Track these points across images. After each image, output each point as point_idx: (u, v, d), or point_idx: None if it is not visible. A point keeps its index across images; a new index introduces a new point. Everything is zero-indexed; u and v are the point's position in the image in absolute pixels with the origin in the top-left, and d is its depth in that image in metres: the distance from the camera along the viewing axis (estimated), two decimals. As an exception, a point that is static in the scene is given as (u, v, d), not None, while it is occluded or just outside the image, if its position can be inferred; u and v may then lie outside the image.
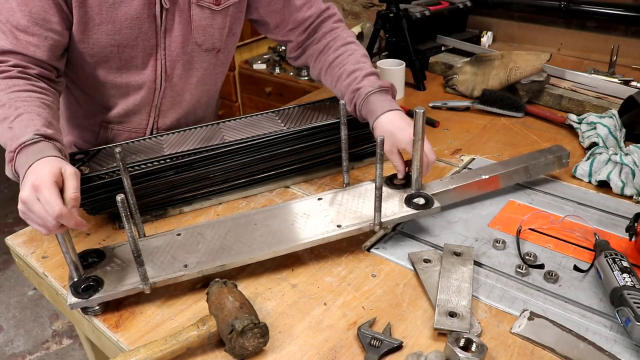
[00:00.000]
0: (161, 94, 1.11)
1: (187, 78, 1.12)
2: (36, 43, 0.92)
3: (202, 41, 1.08)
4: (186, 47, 1.07)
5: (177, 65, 1.08)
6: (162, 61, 1.06)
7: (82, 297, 0.79)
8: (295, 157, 1.11)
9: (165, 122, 1.17)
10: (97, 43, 0.99)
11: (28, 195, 0.74)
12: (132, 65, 1.05)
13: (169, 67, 1.08)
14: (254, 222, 0.93)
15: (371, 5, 2.41)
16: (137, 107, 1.12)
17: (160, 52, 1.05)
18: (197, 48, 1.09)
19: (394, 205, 0.94)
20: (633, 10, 1.68)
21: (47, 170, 0.76)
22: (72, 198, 0.76)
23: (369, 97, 1.01)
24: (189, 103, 1.17)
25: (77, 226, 0.76)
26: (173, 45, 1.05)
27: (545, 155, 1.08)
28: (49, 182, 0.74)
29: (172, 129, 1.17)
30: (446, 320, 0.75)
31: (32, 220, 0.77)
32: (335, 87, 1.11)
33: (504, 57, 1.47)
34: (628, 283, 0.76)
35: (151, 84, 1.08)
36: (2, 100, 0.86)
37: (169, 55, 1.06)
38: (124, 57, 1.03)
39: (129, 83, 1.07)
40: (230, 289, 0.77)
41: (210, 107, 1.28)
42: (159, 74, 1.07)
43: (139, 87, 1.08)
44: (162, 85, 1.09)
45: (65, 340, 2.16)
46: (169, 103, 1.14)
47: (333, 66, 1.11)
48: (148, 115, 1.14)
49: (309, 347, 0.75)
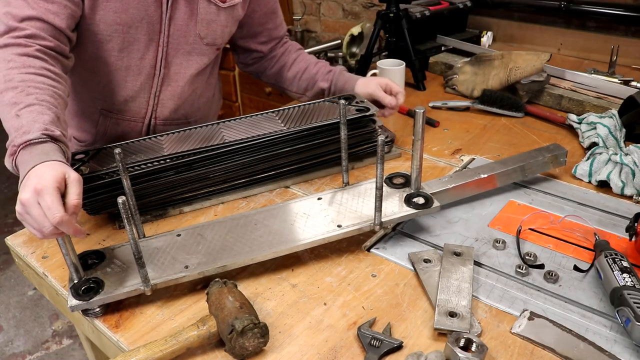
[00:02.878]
0: (160, 80, 1.14)
1: (186, 69, 1.15)
2: (55, 10, 0.94)
3: (205, 34, 1.12)
4: (188, 38, 1.11)
5: (178, 54, 1.12)
6: (163, 48, 1.09)
7: (82, 299, 0.79)
8: (295, 157, 1.11)
9: (164, 113, 1.19)
10: (104, 20, 1.02)
11: (29, 198, 0.74)
12: (134, 48, 1.07)
13: (170, 55, 1.11)
14: (254, 222, 0.93)
15: (371, 5, 2.41)
16: (136, 93, 1.14)
17: (162, 38, 1.08)
18: (198, 41, 1.13)
19: (394, 204, 0.94)
20: (633, 10, 1.68)
21: (50, 175, 0.75)
22: (73, 204, 0.76)
23: (343, 72, 1.28)
24: (187, 94, 1.20)
25: (75, 234, 0.76)
26: (176, 33, 1.09)
27: (543, 153, 1.08)
28: (51, 188, 0.74)
29: (170, 119, 1.20)
30: (446, 320, 0.75)
31: (28, 223, 0.76)
32: (302, 75, 1.30)
33: (504, 57, 1.47)
34: (628, 283, 0.76)
35: (150, 70, 1.11)
36: (14, 81, 0.85)
37: (170, 43, 1.10)
38: (127, 39, 1.05)
39: (130, 66, 1.10)
40: (230, 289, 0.77)
41: (210, 104, 1.30)
42: (159, 60, 1.10)
43: (138, 71, 1.11)
44: (161, 72, 1.12)
45: (65, 340, 2.16)
46: (168, 92, 1.16)
47: (298, 61, 1.31)
48: (147, 102, 1.16)
49: (309, 347, 0.75)
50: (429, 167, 1.18)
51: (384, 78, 1.23)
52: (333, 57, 2.47)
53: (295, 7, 2.71)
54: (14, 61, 0.87)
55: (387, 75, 1.55)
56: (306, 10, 2.68)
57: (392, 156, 1.23)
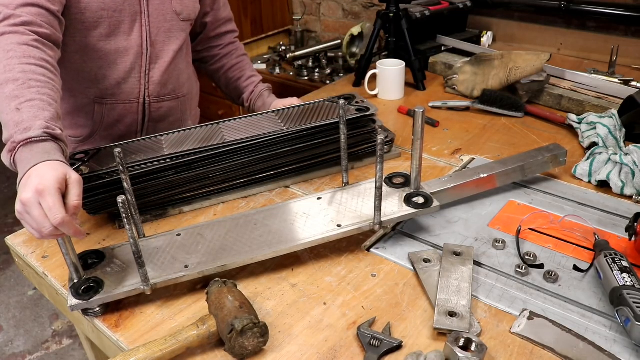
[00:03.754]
0: (148, 59, 1.18)
1: (169, 45, 1.22)
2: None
3: (180, 10, 1.20)
4: (166, 15, 1.18)
5: (160, 32, 1.18)
6: (146, 27, 1.15)
7: (82, 298, 0.79)
8: (295, 157, 1.11)
9: (156, 89, 1.23)
10: (89, 7, 1.06)
11: (30, 198, 0.74)
12: (120, 31, 1.12)
13: (153, 33, 1.17)
14: (253, 222, 0.93)
15: (371, 5, 2.41)
16: (127, 73, 1.17)
17: (144, 18, 1.14)
18: (176, 17, 1.20)
19: (394, 204, 0.94)
20: (633, 10, 1.68)
21: (51, 176, 0.75)
22: (74, 205, 0.76)
23: (263, 93, 1.40)
24: (172, 69, 1.25)
25: (75, 234, 0.76)
26: (155, 13, 1.16)
27: (543, 153, 1.08)
28: (53, 189, 0.74)
29: (161, 96, 1.25)
30: (446, 320, 0.75)
31: (27, 223, 0.76)
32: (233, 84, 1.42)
33: (504, 57, 1.47)
34: (628, 283, 0.76)
35: (138, 49, 1.16)
36: (15, 71, 0.85)
37: (152, 22, 1.16)
38: (112, 23, 1.10)
39: (118, 49, 1.14)
40: (230, 288, 0.77)
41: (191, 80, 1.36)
42: (145, 38, 1.16)
43: (126, 52, 1.15)
44: (148, 50, 1.17)
45: (65, 340, 2.16)
46: (156, 69, 1.21)
47: (234, 69, 1.42)
48: (138, 82, 1.19)
49: (309, 347, 0.75)
50: (428, 166, 1.18)
51: (293, 99, 1.35)
52: (333, 57, 2.48)
53: (295, 7, 2.71)
54: (14, 50, 0.87)
55: (387, 75, 1.55)
56: (306, 10, 2.68)
57: (391, 156, 1.23)
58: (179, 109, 1.32)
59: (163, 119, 1.29)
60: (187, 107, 1.36)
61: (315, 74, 2.34)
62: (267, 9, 2.59)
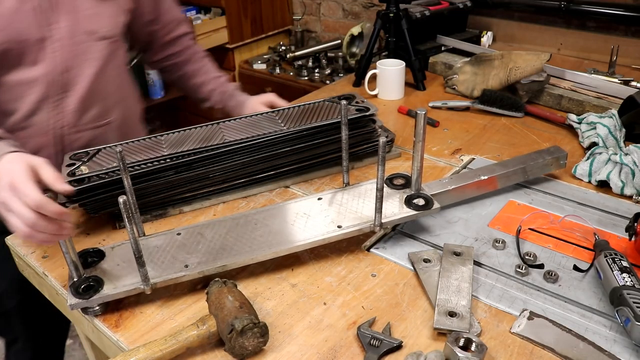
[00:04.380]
0: (59, 87, 1.07)
1: (86, 69, 1.10)
2: None
3: (95, 28, 1.09)
4: (78, 37, 1.06)
5: (73, 56, 1.07)
6: (55, 54, 1.04)
7: (82, 297, 0.79)
8: (295, 157, 1.11)
9: (71, 119, 1.12)
10: None
11: (6, 196, 0.75)
12: (24, 62, 1.03)
13: (65, 59, 1.06)
14: (254, 222, 0.93)
15: (371, 5, 2.41)
16: (36, 105, 1.07)
17: (51, 44, 1.03)
18: (89, 38, 1.08)
19: (394, 205, 0.94)
20: (633, 10, 1.68)
21: (18, 167, 0.76)
22: (54, 179, 0.76)
23: (235, 93, 1.36)
24: (96, 95, 1.14)
25: (59, 215, 0.76)
26: (65, 36, 1.04)
27: (544, 156, 1.08)
28: (24, 178, 0.75)
29: (81, 125, 1.14)
30: (446, 320, 0.75)
31: (13, 224, 0.77)
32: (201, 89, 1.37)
33: (504, 57, 1.47)
34: (628, 283, 0.76)
35: (46, 78, 1.05)
36: None
37: (63, 47, 1.05)
38: (14, 55, 1.01)
39: (21, 81, 1.04)
40: (230, 288, 0.77)
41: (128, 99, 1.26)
42: (54, 66, 1.05)
43: (33, 83, 1.05)
44: (60, 77, 1.07)
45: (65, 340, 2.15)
46: (72, 97, 1.10)
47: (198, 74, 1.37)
48: (50, 113, 1.09)
49: (309, 347, 0.75)
50: (428, 166, 1.18)
51: (269, 95, 1.32)
52: (333, 57, 2.48)
53: (295, 7, 2.72)
54: None
55: (387, 75, 1.55)
56: (306, 10, 2.68)
57: (392, 156, 1.23)
58: (105, 136, 1.18)
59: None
60: (120, 133, 1.22)
61: (315, 74, 2.34)
62: (267, 9, 2.59)
